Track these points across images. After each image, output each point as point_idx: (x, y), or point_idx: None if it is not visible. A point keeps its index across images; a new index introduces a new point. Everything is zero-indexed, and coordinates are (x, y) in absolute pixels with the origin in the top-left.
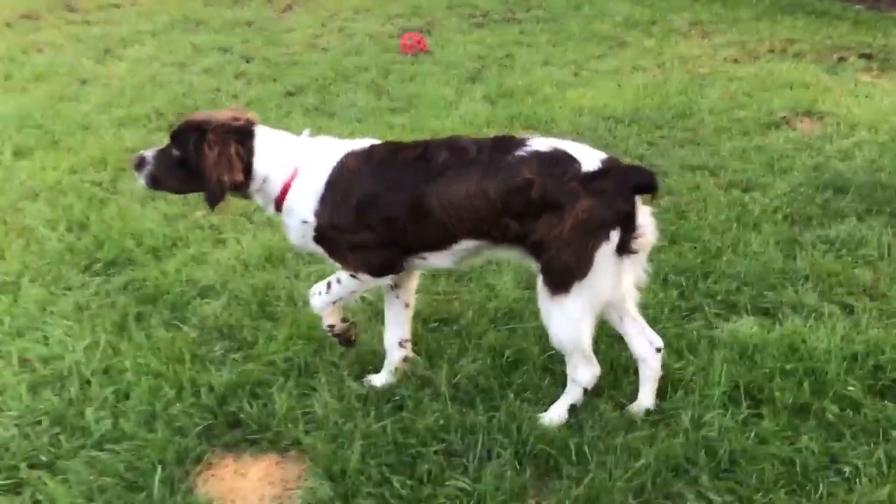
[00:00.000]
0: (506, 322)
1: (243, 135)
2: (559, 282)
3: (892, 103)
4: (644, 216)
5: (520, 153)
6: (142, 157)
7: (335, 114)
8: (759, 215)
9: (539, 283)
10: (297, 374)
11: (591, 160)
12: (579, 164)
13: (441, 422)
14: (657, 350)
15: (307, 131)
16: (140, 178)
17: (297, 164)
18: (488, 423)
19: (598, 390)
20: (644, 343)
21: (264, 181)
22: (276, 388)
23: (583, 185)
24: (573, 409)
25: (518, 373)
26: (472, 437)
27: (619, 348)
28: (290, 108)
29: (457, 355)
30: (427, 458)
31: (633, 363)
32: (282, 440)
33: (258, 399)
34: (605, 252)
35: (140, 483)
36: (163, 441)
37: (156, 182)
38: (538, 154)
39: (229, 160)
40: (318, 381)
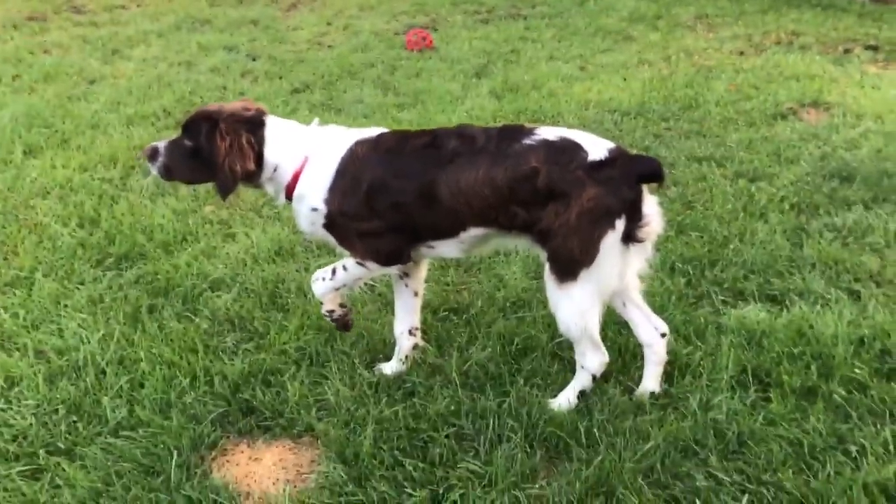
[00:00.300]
0: (515, 311)
1: (254, 124)
2: (566, 269)
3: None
4: (650, 205)
5: (527, 142)
6: (154, 148)
7: (342, 110)
8: (766, 205)
9: (546, 270)
10: (309, 364)
11: (597, 149)
12: (586, 152)
13: (452, 407)
14: (662, 335)
15: (316, 120)
16: (153, 169)
17: (306, 153)
18: (498, 408)
19: (607, 376)
20: (649, 329)
21: (275, 170)
22: (289, 376)
23: (588, 174)
24: (582, 394)
25: (527, 360)
26: (482, 422)
27: (627, 334)
28: (296, 105)
29: (466, 343)
30: (439, 443)
31: (640, 349)
32: (295, 426)
33: (271, 387)
34: (611, 240)
35: (157, 468)
36: (178, 428)
37: (169, 172)
38: (545, 142)
39: (241, 149)
40: (330, 370)
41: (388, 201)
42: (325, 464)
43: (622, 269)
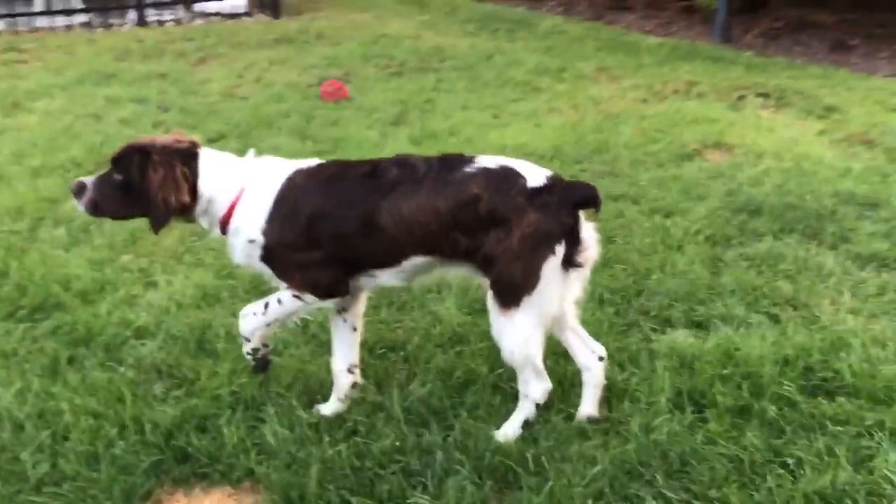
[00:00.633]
0: (452, 345)
1: (188, 156)
2: (509, 295)
3: (793, 135)
4: (587, 230)
5: (468, 170)
6: (81, 184)
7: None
8: (682, 237)
9: (489, 298)
10: (245, 408)
11: (536, 176)
12: (525, 179)
13: (397, 443)
14: (600, 358)
15: (252, 152)
16: (80, 206)
17: (242, 184)
18: (444, 441)
19: (549, 404)
20: (587, 352)
21: (210, 202)
22: (224, 420)
23: (529, 200)
24: (527, 423)
25: (469, 392)
26: (429, 457)
27: (565, 363)
28: None
29: (406, 380)
30: (386, 479)
31: (579, 377)
32: (233, 472)
33: (206, 432)
34: (552, 265)
35: None
36: (107, 480)
37: (97, 208)
38: (486, 170)
39: (175, 181)
40: (267, 413)
41: (330, 230)
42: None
43: (563, 295)
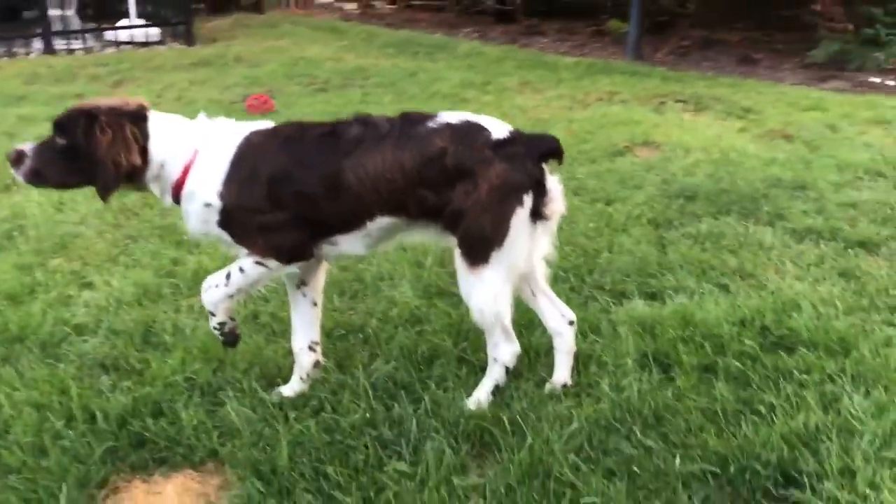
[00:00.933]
0: (412, 325)
1: (137, 118)
2: (478, 251)
3: (717, 133)
4: (552, 182)
5: (431, 125)
6: (19, 152)
7: None
8: (625, 221)
9: (457, 257)
10: (201, 393)
11: (499, 129)
12: (489, 132)
13: (368, 415)
14: (570, 323)
15: (203, 114)
16: (18, 175)
17: (196, 146)
18: (415, 412)
19: (518, 373)
20: (557, 316)
21: (161, 166)
22: (181, 404)
23: (494, 152)
24: (497, 389)
25: (435, 366)
26: (401, 427)
27: (528, 335)
28: None
29: (369, 360)
30: (359, 450)
31: (546, 346)
32: (195, 454)
33: (162, 417)
34: (521, 217)
35: None
36: (58, 469)
37: (38, 176)
38: (449, 125)
39: (125, 141)
40: (226, 395)
41: (292, 191)
42: (238, 485)
43: (531, 249)
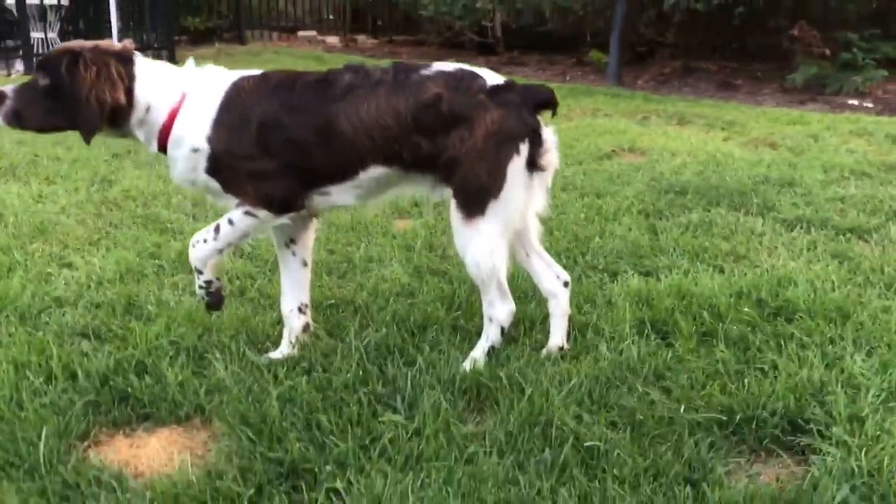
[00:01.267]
0: (404, 298)
1: (123, 58)
2: (474, 201)
3: (702, 140)
4: (548, 133)
5: (425, 72)
6: (0, 93)
7: None
8: (616, 211)
9: (453, 209)
10: (187, 355)
11: (493, 77)
12: (483, 79)
13: (361, 374)
14: (565, 284)
15: (191, 60)
16: None
17: (184, 90)
18: (409, 371)
19: (513, 339)
20: (552, 277)
21: (147, 110)
22: (166, 364)
23: (490, 98)
24: (493, 350)
25: (427, 334)
26: (396, 384)
27: (523, 306)
28: None
29: (360, 328)
30: (352, 403)
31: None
32: (180, 409)
33: (146, 375)
34: (517, 166)
35: (17, 461)
36: (36, 420)
37: (18, 118)
38: (443, 72)
39: (110, 78)
40: (214, 356)
41: (283, 137)
42: (227, 436)
43: (527, 202)
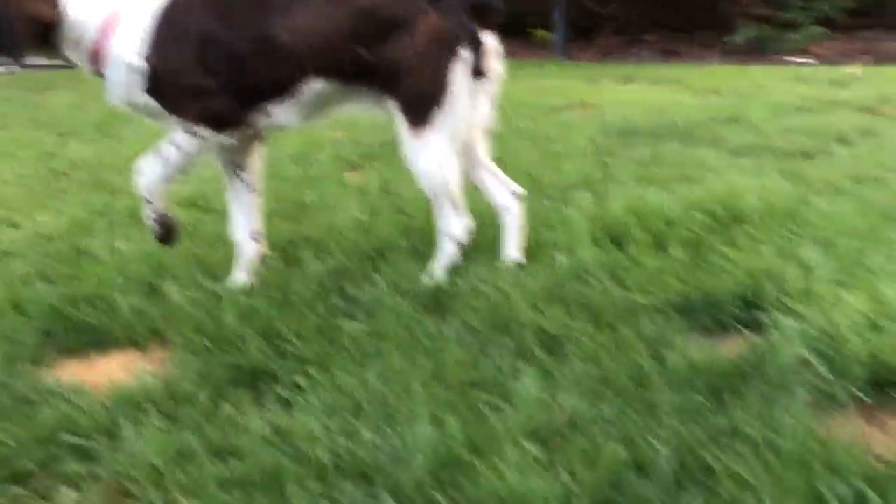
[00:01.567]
0: (358, 231)
1: None
2: (419, 110)
3: (650, 95)
4: (488, 37)
5: None
6: None
7: None
8: (567, 154)
9: (399, 123)
10: (139, 285)
11: None
12: None
13: (319, 291)
14: (517, 196)
15: None
16: None
17: (116, 7)
18: (368, 286)
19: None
20: (503, 190)
21: (78, 27)
22: (118, 294)
23: (428, 1)
24: (451, 265)
25: (386, 261)
26: (356, 296)
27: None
28: None
29: (317, 258)
30: (313, 315)
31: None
32: (136, 334)
33: (100, 303)
34: (460, 72)
35: None
36: None
37: None
38: None
39: None
40: (168, 286)
41: (222, 51)
42: (184, 346)
43: (472, 111)
